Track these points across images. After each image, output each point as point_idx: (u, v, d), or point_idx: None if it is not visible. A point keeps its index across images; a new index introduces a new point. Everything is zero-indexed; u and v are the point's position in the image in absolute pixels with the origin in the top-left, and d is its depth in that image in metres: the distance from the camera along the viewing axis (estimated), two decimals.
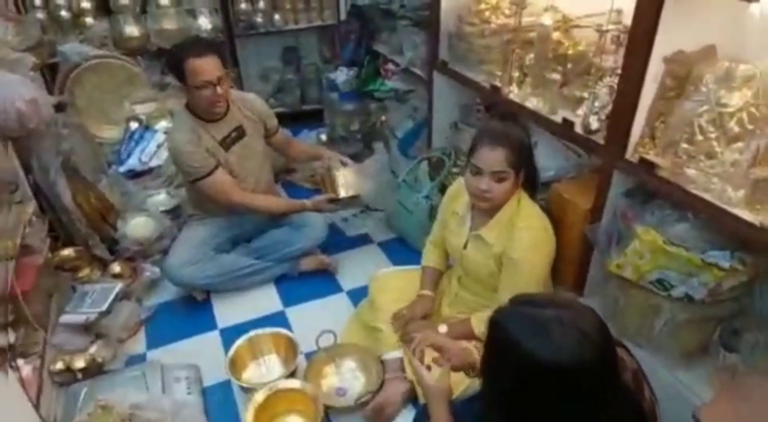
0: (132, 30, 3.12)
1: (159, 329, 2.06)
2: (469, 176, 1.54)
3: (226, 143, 2.05)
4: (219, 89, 1.86)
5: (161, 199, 2.62)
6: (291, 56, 3.63)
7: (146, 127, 3.06)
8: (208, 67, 1.82)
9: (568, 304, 0.86)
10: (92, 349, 1.83)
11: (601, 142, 1.59)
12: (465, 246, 1.66)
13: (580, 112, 1.81)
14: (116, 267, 2.19)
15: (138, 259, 2.28)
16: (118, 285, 2.06)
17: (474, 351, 1.30)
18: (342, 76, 3.02)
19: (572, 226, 1.72)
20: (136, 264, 2.25)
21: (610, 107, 1.58)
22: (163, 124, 3.13)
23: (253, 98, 2.19)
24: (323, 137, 3.34)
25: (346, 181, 2.19)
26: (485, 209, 1.56)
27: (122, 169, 2.88)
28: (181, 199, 2.62)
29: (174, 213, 2.53)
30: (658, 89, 1.44)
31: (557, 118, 1.76)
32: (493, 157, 1.47)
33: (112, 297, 2.00)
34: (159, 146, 3.04)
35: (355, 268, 2.34)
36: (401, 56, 2.74)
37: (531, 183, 1.64)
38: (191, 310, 2.14)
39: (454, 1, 2.21)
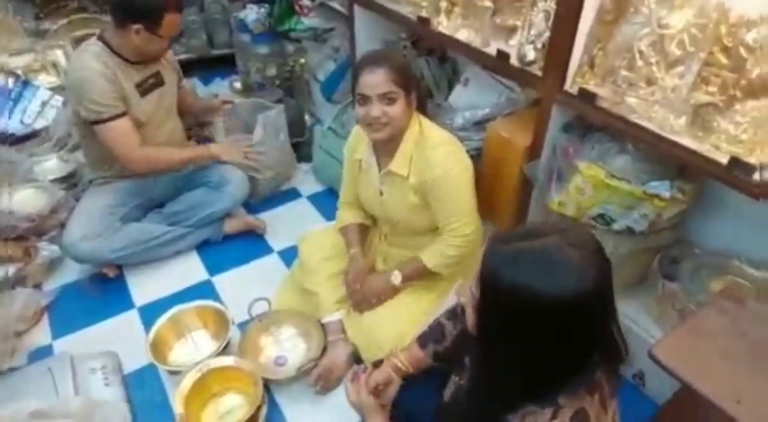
0: None
1: (65, 315, 1.81)
2: (358, 109, 1.41)
3: (143, 88, 1.86)
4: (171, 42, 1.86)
5: (52, 165, 2.28)
6: None
7: (25, 83, 2.64)
8: (180, 21, 1.80)
9: (561, 226, 0.77)
10: None
11: (539, 73, 1.49)
12: (381, 193, 1.54)
13: (514, 42, 1.69)
14: (4, 250, 1.89)
15: (31, 238, 1.97)
16: (8, 270, 1.78)
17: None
18: (252, 14, 2.71)
19: (512, 165, 1.65)
20: (30, 244, 1.94)
21: (546, 35, 1.47)
22: (45, 78, 2.71)
23: None
24: (237, 85, 3.03)
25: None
26: (385, 139, 1.42)
27: None
28: (77, 163, 2.30)
29: (69, 181, 2.21)
30: (597, 13, 1.34)
31: (491, 50, 1.63)
32: (375, 79, 1.36)
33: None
34: (44, 104, 2.65)
35: (285, 226, 2.17)
36: None
37: (422, 108, 1.53)
38: (102, 289, 1.90)
39: None
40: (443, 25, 1.82)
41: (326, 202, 2.31)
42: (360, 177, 1.60)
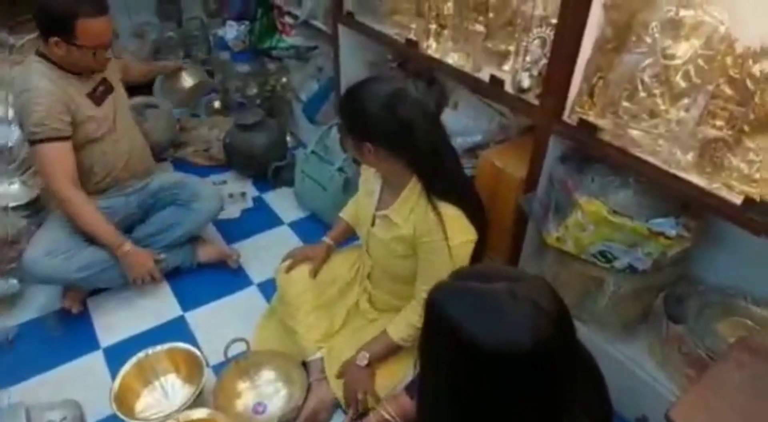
0: None
1: (22, 357, 1.65)
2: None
3: (96, 97, 1.76)
4: (109, 52, 1.69)
5: (13, 190, 2.11)
6: (169, 9, 3.11)
7: None
8: (104, 28, 1.63)
9: (517, 275, 0.72)
10: None
11: (536, 102, 1.42)
12: (373, 224, 1.46)
13: (507, 67, 1.62)
14: None
15: None
16: None
17: None
18: (232, 32, 2.61)
19: (505, 197, 1.57)
20: None
21: (543, 62, 1.40)
22: (9, 97, 2.55)
23: None
24: (216, 104, 2.92)
25: None
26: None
27: None
28: (41, 188, 2.15)
29: (32, 207, 2.06)
30: (596, 41, 1.28)
31: (483, 76, 1.56)
32: None
33: None
34: (9, 123, 2.48)
35: (265, 256, 2.05)
36: (299, 8, 2.39)
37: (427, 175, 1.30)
38: (64, 328, 1.75)
39: None
40: (432, 48, 1.75)
41: (309, 229, 2.20)
42: (362, 193, 1.52)
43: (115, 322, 1.77)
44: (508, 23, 1.64)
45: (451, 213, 1.28)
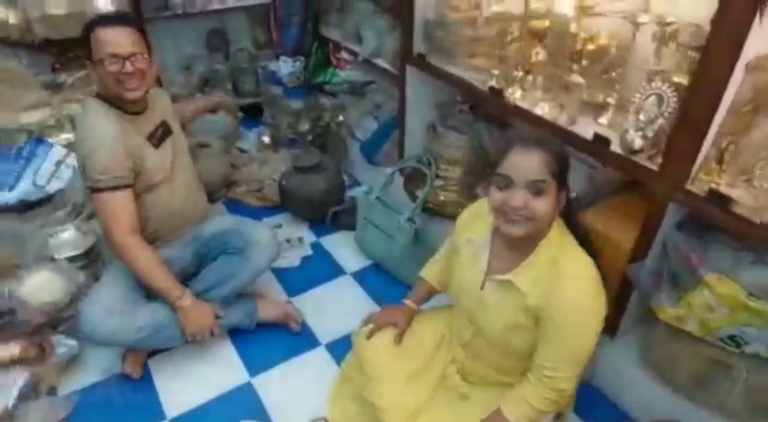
0: (5, 15, 2.42)
1: None
2: (494, 191, 1.15)
3: (156, 139, 1.70)
4: (129, 65, 1.55)
5: (68, 238, 2.02)
6: (217, 41, 3.05)
7: (38, 141, 2.42)
8: (117, 38, 1.54)
9: None
10: None
11: (650, 165, 1.29)
12: (482, 288, 1.28)
13: (603, 120, 1.50)
14: (14, 348, 1.64)
15: (45, 332, 1.73)
16: (23, 375, 1.54)
17: None
18: (287, 67, 2.54)
19: (609, 266, 1.42)
20: (44, 340, 1.70)
21: (659, 122, 1.27)
22: (61, 136, 2.50)
23: (160, 91, 1.89)
24: (266, 139, 2.84)
25: None
26: (520, 236, 1.16)
27: (10, 197, 2.25)
28: (97, 235, 2.07)
29: (87, 257, 1.97)
30: (732, 102, 1.14)
31: (584, 132, 1.43)
32: (528, 162, 1.11)
33: (15, 393, 1.49)
34: (59, 163, 2.43)
35: (330, 310, 1.93)
36: (358, 44, 2.29)
37: (567, 212, 1.24)
38: (127, 395, 1.64)
39: None
40: (517, 95, 1.63)
41: (374, 280, 2.08)
42: (463, 252, 1.34)
43: (179, 389, 1.66)
44: (603, 72, 1.52)
45: (588, 274, 1.14)
